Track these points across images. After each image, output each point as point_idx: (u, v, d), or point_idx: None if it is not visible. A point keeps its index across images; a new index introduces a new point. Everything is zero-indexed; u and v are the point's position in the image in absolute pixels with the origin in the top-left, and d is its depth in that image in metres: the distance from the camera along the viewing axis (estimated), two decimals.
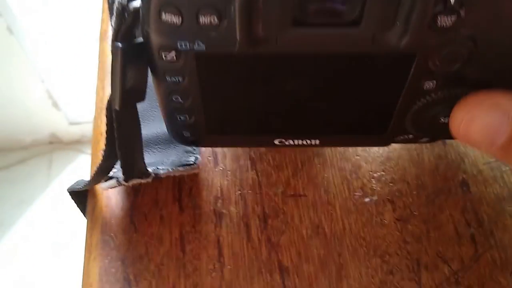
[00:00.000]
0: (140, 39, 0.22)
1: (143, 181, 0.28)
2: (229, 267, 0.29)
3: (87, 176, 0.31)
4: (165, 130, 0.29)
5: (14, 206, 1.37)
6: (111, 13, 0.22)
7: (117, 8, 0.21)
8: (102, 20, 0.39)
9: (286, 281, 0.28)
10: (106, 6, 0.38)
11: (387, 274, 0.28)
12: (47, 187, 1.39)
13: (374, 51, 0.21)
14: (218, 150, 0.33)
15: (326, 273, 0.29)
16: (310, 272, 0.29)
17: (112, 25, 0.22)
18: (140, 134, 0.26)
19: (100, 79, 0.36)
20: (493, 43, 0.21)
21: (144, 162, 0.27)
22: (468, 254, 0.29)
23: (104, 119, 0.26)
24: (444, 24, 0.20)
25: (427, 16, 0.19)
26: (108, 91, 0.29)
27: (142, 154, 0.27)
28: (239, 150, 0.33)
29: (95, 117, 0.34)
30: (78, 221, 0.37)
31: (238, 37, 0.20)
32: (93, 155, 0.33)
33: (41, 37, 1.22)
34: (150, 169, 0.28)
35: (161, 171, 0.29)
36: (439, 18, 0.20)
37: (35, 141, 1.50)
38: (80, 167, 1.37)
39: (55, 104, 1.37)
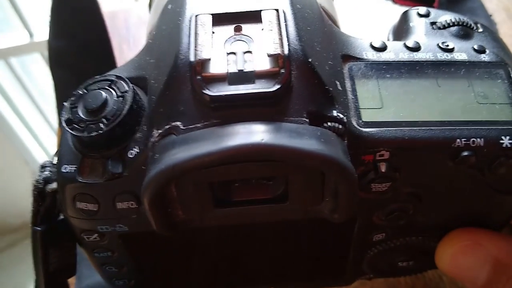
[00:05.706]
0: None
1: None
2: None
3: None
4: None
5: None
6: None
7: (33, 192, 0.20)
8: None
9: None
10: None
11: None
12: None
13: (309, 219, 0.19)
14: None
15: None
16: None
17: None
18: None
19: None
20: (439, 194, 0.20)
21: None
22: None
23: None
24: (380, 189, 0.19)
25: (354, 194, 0.17)
26: None
27: None
28: None
29: None
30: None
31: (154, 227, 0.18)
32: None
33: (24, 119, 1.22)
34: None
35: None
36: (372, 186, 0.18)
37: (25, 223, 1.47)
38: None
39: None
